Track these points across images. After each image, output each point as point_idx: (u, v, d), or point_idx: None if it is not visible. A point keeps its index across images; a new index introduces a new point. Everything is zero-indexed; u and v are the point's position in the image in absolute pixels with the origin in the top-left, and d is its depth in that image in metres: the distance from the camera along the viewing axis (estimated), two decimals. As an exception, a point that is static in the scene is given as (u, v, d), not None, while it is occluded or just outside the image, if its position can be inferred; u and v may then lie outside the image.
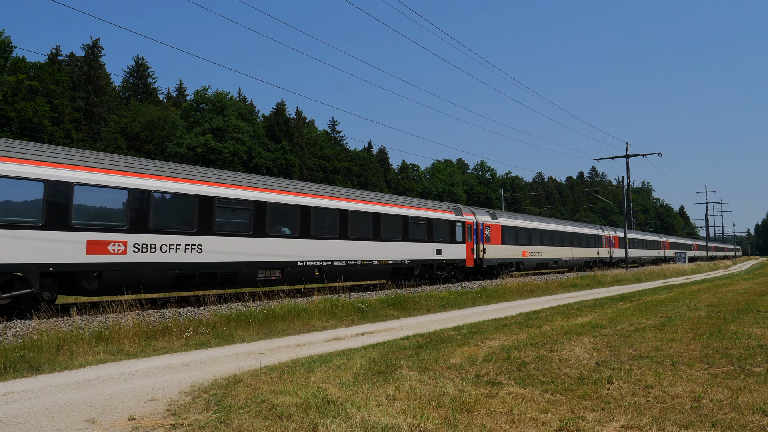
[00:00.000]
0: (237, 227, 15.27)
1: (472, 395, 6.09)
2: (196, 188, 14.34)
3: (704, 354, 8.51)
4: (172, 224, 13.75)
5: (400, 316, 14.60)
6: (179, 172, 14.39)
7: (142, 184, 13.14)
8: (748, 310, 14.77)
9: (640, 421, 5.23)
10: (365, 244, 19.48)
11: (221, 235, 14.75)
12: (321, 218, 17.81)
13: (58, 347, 8.75)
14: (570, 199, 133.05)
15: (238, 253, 15.14)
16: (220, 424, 5.19)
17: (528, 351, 8.74)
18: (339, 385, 6.55)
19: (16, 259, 10.91)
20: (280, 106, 69.37)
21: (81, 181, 11.96)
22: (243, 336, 10.86)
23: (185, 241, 13.88)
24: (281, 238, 16.41)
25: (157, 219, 13.34)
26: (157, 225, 13.34)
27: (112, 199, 12.61)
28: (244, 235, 15.38)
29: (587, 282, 28.41)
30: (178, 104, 70.44)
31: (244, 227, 15.44)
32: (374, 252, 19.80)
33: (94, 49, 60.78)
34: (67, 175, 11.75)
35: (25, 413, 5.74)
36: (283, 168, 61.58)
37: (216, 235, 14.59)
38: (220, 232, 14.72)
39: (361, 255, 19.22)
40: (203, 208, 14.45)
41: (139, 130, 56.60)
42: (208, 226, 14.42)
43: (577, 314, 14.20)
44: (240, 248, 15.19)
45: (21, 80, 46.20)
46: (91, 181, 12.15)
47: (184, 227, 13.97)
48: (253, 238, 15.56)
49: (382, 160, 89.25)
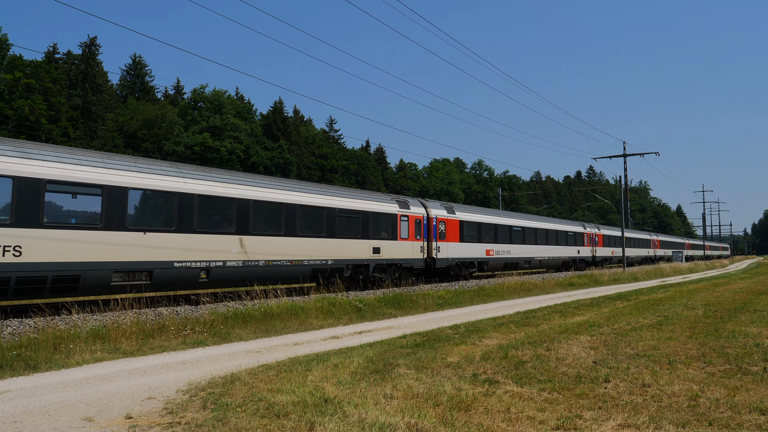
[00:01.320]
0: (81, 218, 12.22)
1: (469, 394, 6.09)
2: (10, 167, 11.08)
3: (701, 353, 8.52)
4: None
5: (398, 314, 14.61)
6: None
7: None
8: (745, 309, 14.81)
9: (637, 420, 5.24)
10: (273, 240, 16.45)
11: (53, 227, 11.58)
12: (209, 208, 14.76)
13: (55, 345, 8.74)
14: (567, 198, 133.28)
15: (80, 252, 11.98)
16: (217, 422, 5.19)
17: (525, 350, 8.74)
18: (336, 384, 6.55)
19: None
20: (277, 104, 69.28)
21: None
22: (240, 334, 10.85)
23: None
24: (150, 233, 13.32)
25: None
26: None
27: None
28: (90, 227, 12.20)
29: (584, 281, 28.47)
30: (176, 103, 70.35)
31: (90, 218, 12.31)
32: (286, 250, 16.79)
33: (92, 47, 60.63)
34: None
35: (22, 412, 5.73)
36: (281, 167, 61.55)
37: (45, 227, 11.46)
38: (51, 225, 11.59)
39: (267, 254, 16.18)
40: (24, 193, 11.17)
41: (136, 129, 56.49)
42: (32, 218, 11.26)
43: (575, 313, 14.22)
44: (84, 246, 12.04)
45: (18, 78, 46.04)
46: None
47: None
48: (105, 232, 12.43)
49: (380, 158, 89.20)
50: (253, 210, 15.89)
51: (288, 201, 17.03)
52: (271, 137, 64.11)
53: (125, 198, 12.82)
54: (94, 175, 12.35)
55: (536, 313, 14.12)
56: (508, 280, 23.79)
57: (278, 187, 17.16)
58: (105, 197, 12.45)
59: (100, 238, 12.32)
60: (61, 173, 11.75)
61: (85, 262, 12.03)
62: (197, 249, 14.26)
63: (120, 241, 12.67)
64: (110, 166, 12.85)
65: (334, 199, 19.02)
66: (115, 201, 12.64)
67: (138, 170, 13.36)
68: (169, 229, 13.72)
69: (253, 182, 16.51)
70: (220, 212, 15.09)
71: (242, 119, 62.08)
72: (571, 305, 16.31)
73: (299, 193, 17.64)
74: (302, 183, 19.03)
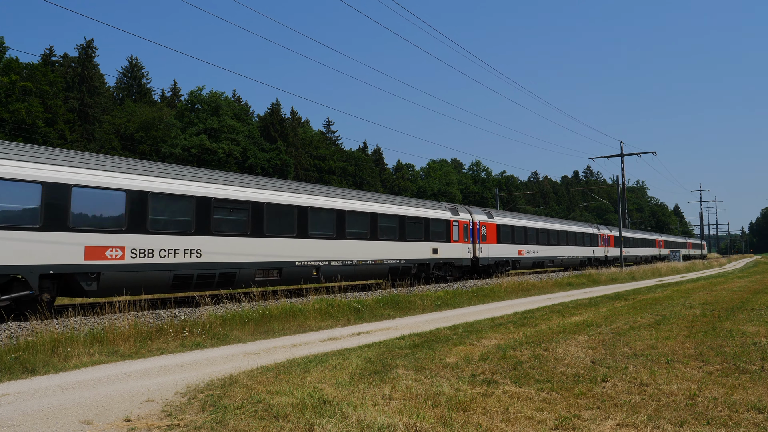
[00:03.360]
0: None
1: (468, 394, 6.10)
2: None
3: (699, 352, 8.54)
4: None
5: (396, 315, 14.60)
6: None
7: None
8: (742, 308, 14.84)
9: (636, 419, 5.25)
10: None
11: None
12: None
13: (53, 349, 8.72)
14: (565, 198, 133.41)
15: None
16: (216, 424, 5.18)
17: (524, 350, 8.75)
18: (335, 385, 6.54)
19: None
20: (275, 106, 69.29)
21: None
22: (239, 336, 10.84)
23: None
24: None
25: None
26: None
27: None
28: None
29: (582, 281, 28.49)
30: (173, 105, 70.24)
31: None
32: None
33: (88, 49, 60.53)
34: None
35: (20, 415, 5.72)
36: (279, 168, 61.50)
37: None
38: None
39: (359, 255, 19.33)
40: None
41: (133, 131, 56.40)
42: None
43: (573, 313, 14.24)
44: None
45: (14, 81, 45.95)
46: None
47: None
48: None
49: (378, 159, 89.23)
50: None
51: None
52: (268, 139, 64.07)
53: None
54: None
55: (534, 314, 14.13)
56: (506, 280, 23.81)
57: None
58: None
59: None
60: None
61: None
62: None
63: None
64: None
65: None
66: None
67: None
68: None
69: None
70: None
71: (239, 121, 61.97)
72: (569, 305, 16.32)
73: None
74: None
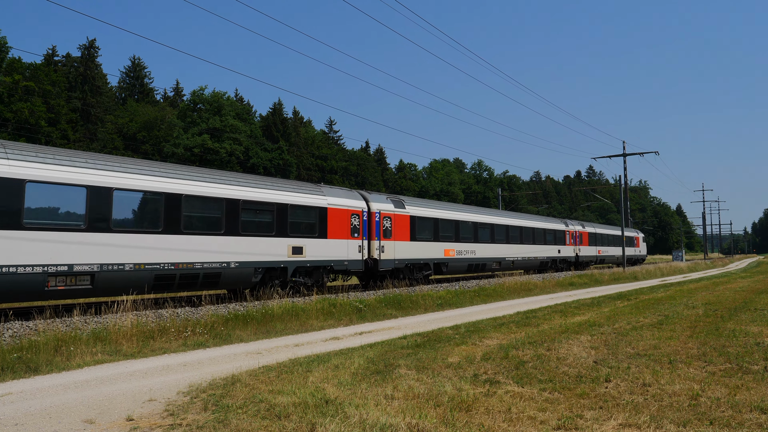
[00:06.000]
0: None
1: (470, 394, 6.09)
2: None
3: (702, 352, 8.52)
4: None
5: (398, 315, 14.60)
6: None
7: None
8: (745, 308, 14.81)
9: (638, 419, 5.24)
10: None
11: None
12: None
13: (55, 348, 8.73)
14: (567, 198, 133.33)
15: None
16: (218, 424, 5.19)
17: (526, 350, 8.74)
18: (337, 385, 6.55)
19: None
20: (277, 106, 69.36)
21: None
22: (241, 336, 10.85)
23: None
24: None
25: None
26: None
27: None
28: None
29: (585, 280, 28.47)
30: (175, 104, 70.37)
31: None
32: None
33: (91, 49, 60.65)
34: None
35: (23, 414, 5.73)
36: (281, 168, 61.55)
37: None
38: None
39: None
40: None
41: (136, 131, 56.53)
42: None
43: (575, 313, 14.22)
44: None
45: (17, 81, 46.07)
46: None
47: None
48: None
49: (380, 159, 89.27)
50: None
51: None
52: (270, 138, 64.13)
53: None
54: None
55: (537, 313, 14.11)
56: (508, 280, 23.78)
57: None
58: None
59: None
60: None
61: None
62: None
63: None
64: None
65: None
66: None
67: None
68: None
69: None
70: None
71: (242, 121, 62.08)
72: (571, 305, 16.30)
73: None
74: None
